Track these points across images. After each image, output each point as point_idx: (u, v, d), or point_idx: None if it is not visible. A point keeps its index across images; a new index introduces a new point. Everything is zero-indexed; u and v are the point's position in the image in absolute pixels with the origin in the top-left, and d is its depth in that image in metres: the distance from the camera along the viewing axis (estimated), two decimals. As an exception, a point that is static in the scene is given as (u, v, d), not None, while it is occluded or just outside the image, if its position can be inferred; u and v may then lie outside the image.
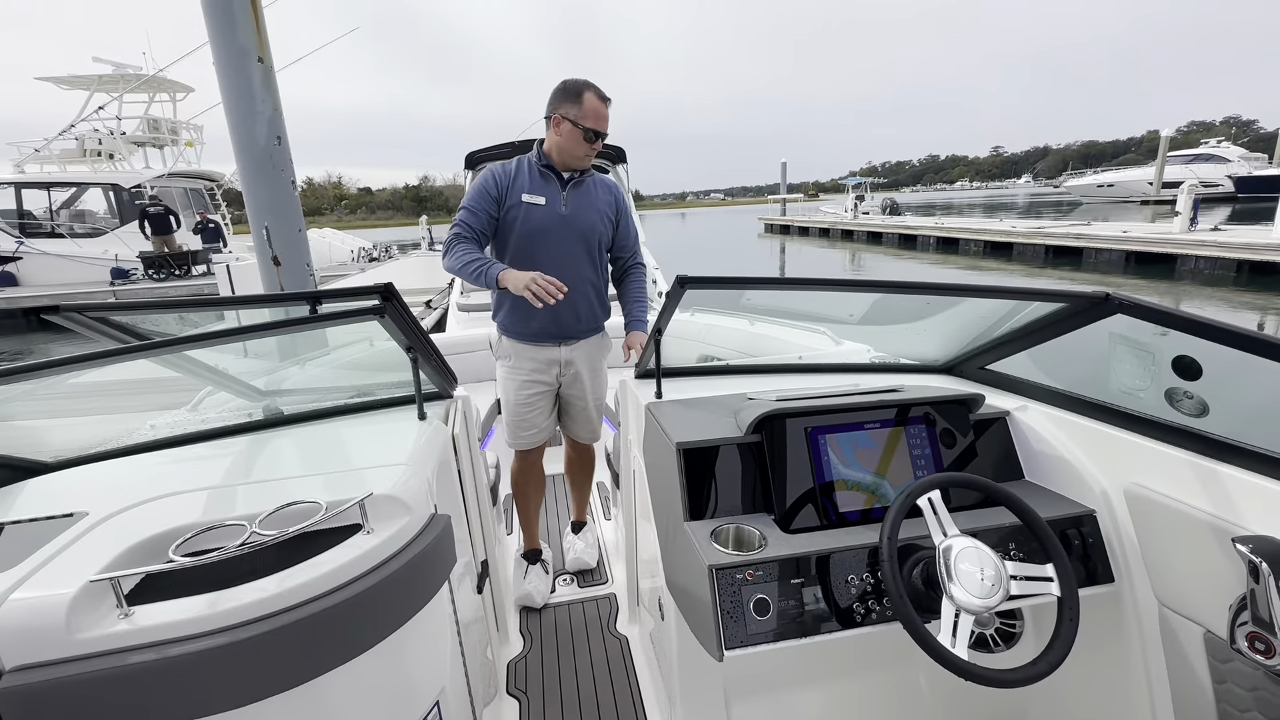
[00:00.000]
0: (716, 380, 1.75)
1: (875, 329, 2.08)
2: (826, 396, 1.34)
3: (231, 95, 4.12)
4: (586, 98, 1.93)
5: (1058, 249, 15.36)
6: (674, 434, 1.29)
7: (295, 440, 1.38)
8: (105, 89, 15.52)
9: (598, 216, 2.07)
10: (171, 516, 1.00)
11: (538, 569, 2.29)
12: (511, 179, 1.99)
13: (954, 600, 0.96)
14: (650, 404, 1.51)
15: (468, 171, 6.70)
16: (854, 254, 21.79)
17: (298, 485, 1.10)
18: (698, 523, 1.20)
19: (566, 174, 2.04)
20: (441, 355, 1.47)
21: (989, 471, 1.33)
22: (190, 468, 1.26)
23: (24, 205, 14.28)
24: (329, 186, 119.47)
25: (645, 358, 1.65)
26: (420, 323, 1.99)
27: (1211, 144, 35.80)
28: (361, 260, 18.32)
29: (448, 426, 1.48)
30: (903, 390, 1.38)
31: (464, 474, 1.52)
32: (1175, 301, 10.58)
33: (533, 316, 1.98)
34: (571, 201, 2.02)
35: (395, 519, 1.04)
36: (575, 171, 2.05)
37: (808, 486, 1.23)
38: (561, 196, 2.01)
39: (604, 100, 1.96)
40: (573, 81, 1.97)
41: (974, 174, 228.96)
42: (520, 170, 2.01)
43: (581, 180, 2.06)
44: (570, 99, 1.94)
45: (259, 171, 4.24)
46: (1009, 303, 1.37)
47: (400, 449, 1.24)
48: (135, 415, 1.68)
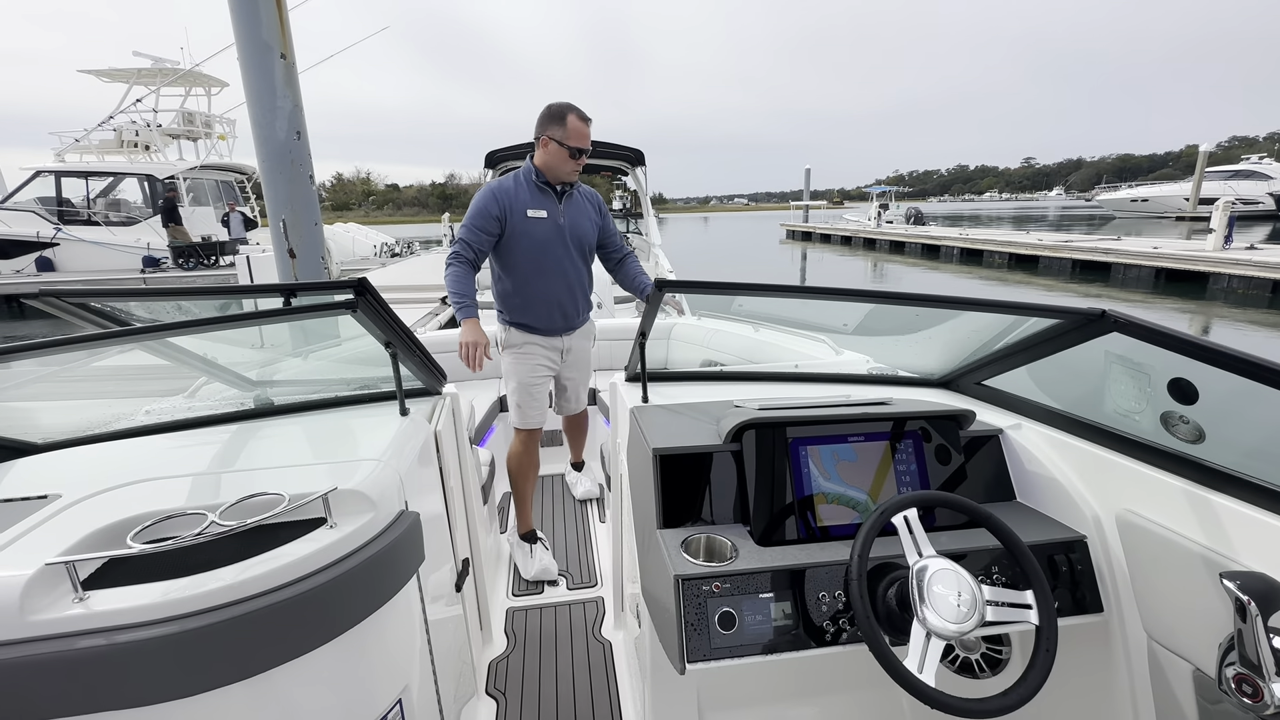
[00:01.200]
0: (708, 386, 1.73)
1: (873, 340, 2.05)
2: (811, 407, 1.31)
3: (254, 90, 4.20)
4: (570, 120, 2.17)
5: (1085, 263, 15.01)
6: (653, 439, 1.27)
7: (277, 431, 1.39)
8: (144, 82, 15.97)
9: (588, 224, 2.38)
10: (139, 503, 1.01)
11: (539, 547, 2.48)
12: (513, 198, 2.24)
13: (924, 623, 0.93)
14: (635, 408, 1.50)
15: (487, 170, 6.80)
16: (875, 263, 21.53)
17: (267, 477, 1.11)
18: (670, 531, 1.18)
19: (559, 187, 2.29)
20: (426, 352, 1.47)
21: (979, 491, 1.29)
22: (170, 454, 1.27)
23: (63, 194, 14.73)
24: (357, 182, 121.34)
25: (633, 362, 1.64)
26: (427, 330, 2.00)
27: (1253, 160, 34.73)
28: (383, 255, 18.55)
29: (430, 423, 1.48)
30: (891, 403, 1.35)
31: (447, 470, 1.51)
32: (1206, 322, 10.27)
33: (547, 314, 2.34)
34: (567, 213, 2.30)
35: (359, 514, 1.04)
36: (566, 185, 2.31)
37: (786, 498, 1.20)
38: (559, 209, 2.28)
39: (584, 120, 2.19)
40: (557, 105, 2.21)
41: (1003, 185, 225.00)
42: (519, 187, 2.26)
43: (572, 193, 2.34)
44: (555, 121, 2.18)
45: (278, 166, 4.31)
46: (1008, 317, 1.33)
47: (375, 444, 1.24)
48: (136, 399, 1.71)
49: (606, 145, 7.12)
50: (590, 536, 2.65)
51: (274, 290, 1.14)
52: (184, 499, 1.04)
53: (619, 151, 7.24)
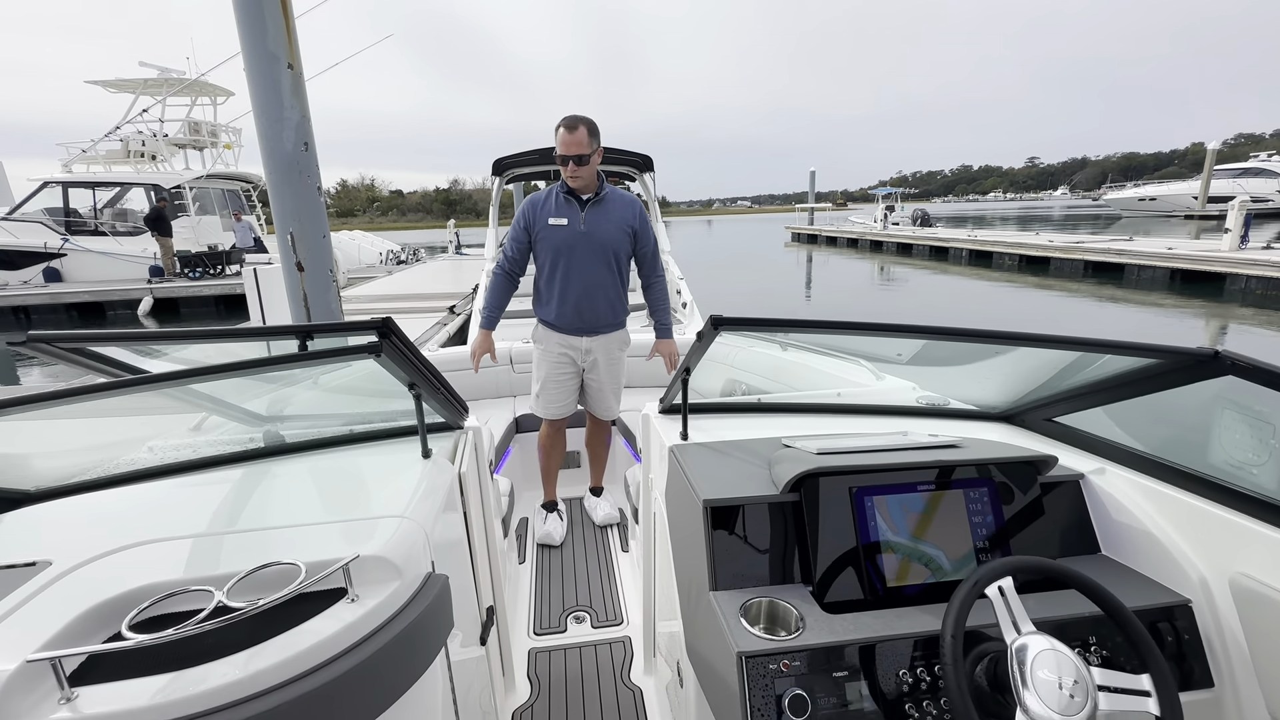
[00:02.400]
0: (746, 418, 1.62)
1: (928, 369, 1.92)
2: (874, 450, 1.19)
3: (261, 101, 4.12)
4: (558, 132, 2.33)
5: (1097, 265, 14.83)
6: (701, 487, 1.16)
7: (290, 476, 1.28)
8: (150, 92, 15.99)
9: (615, 230, 2.45)
10: (138, 572, 0.91)
11: (554, 515, 2.79)
12: (539, 209, 2.45)
13: (1029, 713, 0.81)
14: (675, 446, 1.38)
15: (495, 177, 6.71)
16: (883, 265, 21.37)
17: (280, 539, 1.00)
18: (726, 593, 1.06)
19: (585, 196, 2.43)
20: (449, 387, 1.37)
21: (1057, 543, 1.17)
22: (174, 504, 1.17)
23: (70, 204, 14.75)
24: (362, 189, 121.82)
25: (670, 394, 1.53)
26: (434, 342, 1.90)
27: (1261, 157, 34.42)
28: (389, 263, 18.54)
29: (454, 465, 1.37)
30: (961, 446, 1.23)
31: (471, 516, 1.41)
32: (1223, 324, 10.09)
33: (566, 314, 2.49)
34: (589, 220, 2.42)
35: (385, 583, 0.93)
36: (593, 193, 2.44)
37: (851, 555, 1.09)
38: (580, 216, 2.42)
39: (569, 128, 2.30)
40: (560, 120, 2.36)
41: (1008, 185, 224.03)
42: (548, 199, 2.45)
43: (600, 200, 2.44)
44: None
45: (285, 177, 4.23)
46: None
47: (398, 495, 1.13)
48: (139, 426, 1.60)
49: (614, 151, 7.02)
50: (613, 568, 2.53)
51: (288, 333, 1.04)
52: (188, 567, 0.93)
53: (626, 157, 7.15)
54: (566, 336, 2.53)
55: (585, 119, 2.32)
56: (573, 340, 2.54)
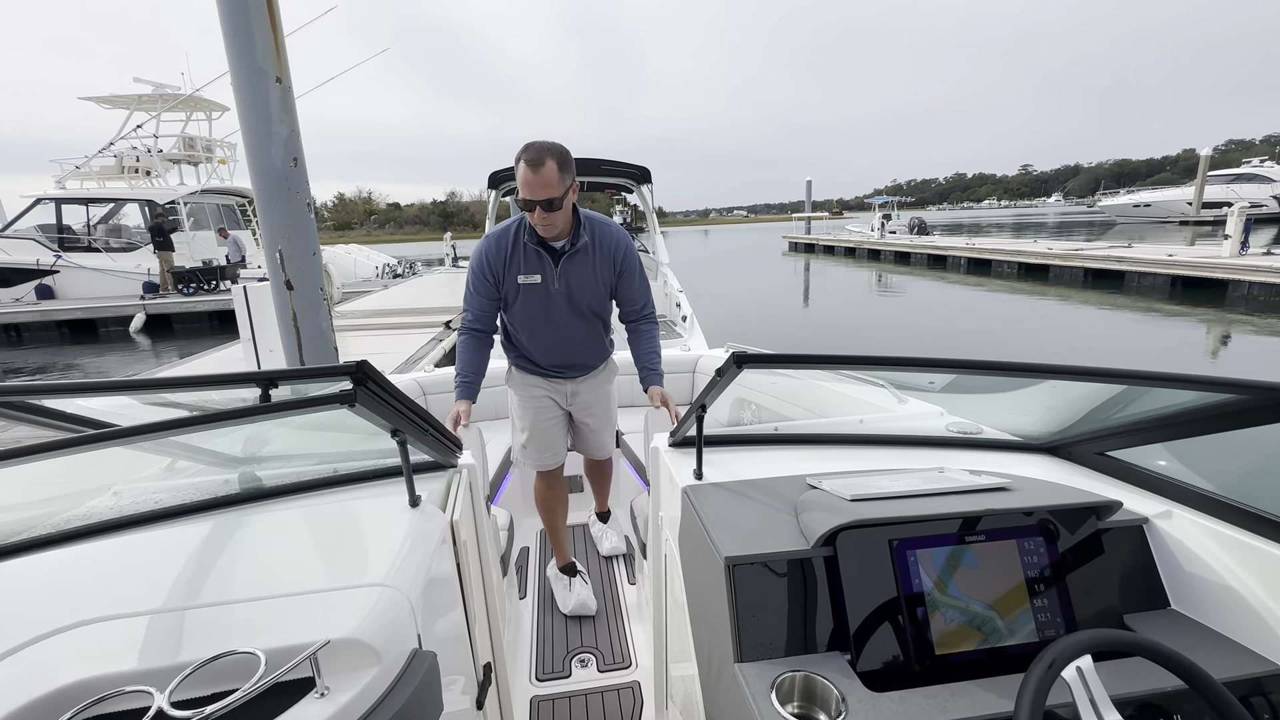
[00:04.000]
0: (762, 449, 1.49)
1: (962, 397, 1.79)
2: (915, 495, 1.06)
3: (249, 115, 4.01)
4: (519, 168, 1.78)
5: (1097, 272, 14.79)
6: (722, 540, 1.03)
7: (261, 530, 1.15)
8: (144, 108, 15.94)
9: (593, 285, 2.04)
10: (72, 664, 0.78)
11: (578, 580, 2.42)
12: (506, 262, 1.98)
13: None
14: (689, 488, 1.25)
15: (491, 191, 6.64)
16: (880, 274, 21.32)
17: (243, 616, 0.87)
18: (754, 665, 0.93)
19: (559, 244, 1.97)
20: (439, 425, 1.24)
21: (1119, 596, 1.04)
22: (128, 568, 1.04)
23: (63, 220, 14.64)
24: (359, 202, 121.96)
25: (683, 427, 1.40)
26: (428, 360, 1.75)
27: (1254, 163, 34.62)
28: (385, 276, 18.44)
29: (446, 512, 1.24)
30: (1012, 488, 1.10)
31: (466, 566, 1.27)
32: (1225, 331, 10.01)
33: (535, 359, 2.19)
34: (564, 276, 1.99)
35: (361, 669, 0.80)
36: (568, 240, 1.96)
37: (893, 618, 0.96)
38: (554, 273, 1.98)
39: (533, 166, 1.75)
40: (520, 150, 1.80)
41: (1002, 192, 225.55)
42: (515, 249, 1.97)
43: (575, 250, 1.97)
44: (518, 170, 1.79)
45: (274, 194, 4.10)
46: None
47: (381, 554, 1.00)
48: (108, 462, 1.47)
49: (611, 164, 6.97)
50: (620, 603, 2.38)
51: (248, 380, 0.91)
52: (132, 654, 0.80)
53: (624, 169, 7.08)
54: (549, 380, 2.23)
55: (553, 148, 1.78)
56: (557, 384, 2.24)
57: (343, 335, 8.56)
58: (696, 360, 3.37)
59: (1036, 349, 9.60)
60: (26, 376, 10.10)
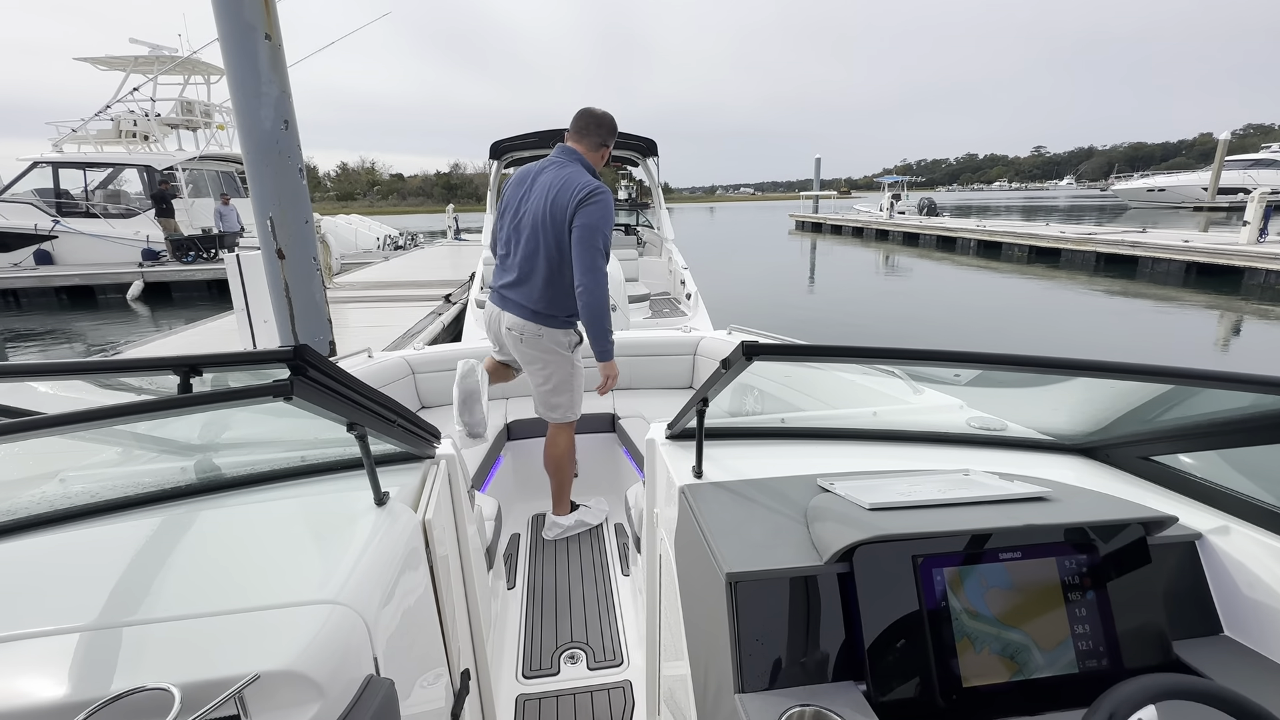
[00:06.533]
0: (767, 445, 1.37)
1: (988, 390, 1.67)
2: (942, 505, 0.95)
3: (236, 74, 3.82)
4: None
5: (1110, 257, 14.51)
6: (723, 552, 0.92)
7: (202, 531, 1.02)
8: (141, 70, 15.60)
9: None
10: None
11: (583, 508, 2.73)
12: None
13: None
14: (687, 487, 1.14)
15: (493, 161, 6.44)
16: (888, 255, 21.01)
17: (162, 639, 0.75)
18: (757, 697, 0.83)
19: None
20: (409, 415, 1.12)
21: (1165, 620, 0.93)
22: (52, 574, 0.92)
23: (60, 185, 14.41)
24: (362, 172, 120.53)
25: (683, 419, 1.28)
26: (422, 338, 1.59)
27: (1273, 148, 33.84)
28: (387, 248, 18.21)
29: (419, 511, 1.12)
30: (1052, 498, 0.98)
31: (442, 571, 1.16)
32: (1237, 319, 9.81)
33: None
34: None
35: (299, 706, 0.69)
36: None
37: (916, 644, 0.85)
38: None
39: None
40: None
41: (1013, 174, 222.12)
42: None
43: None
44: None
45: (264, 157, 3.94)
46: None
47: (335, 566, 0.88)
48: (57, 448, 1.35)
49: (619, 135, 6.76)
50: (612, 596, 2.28)
51: (164, 367, 0.78)
52: (18, 690, 0.68)
53: (631, 141, 6.87)
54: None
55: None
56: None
57: (340, 307, 8.42)
58: (698, 343, 3.23)
59: (1046, 333, 9.43)
60: (27, 343, 10.02)
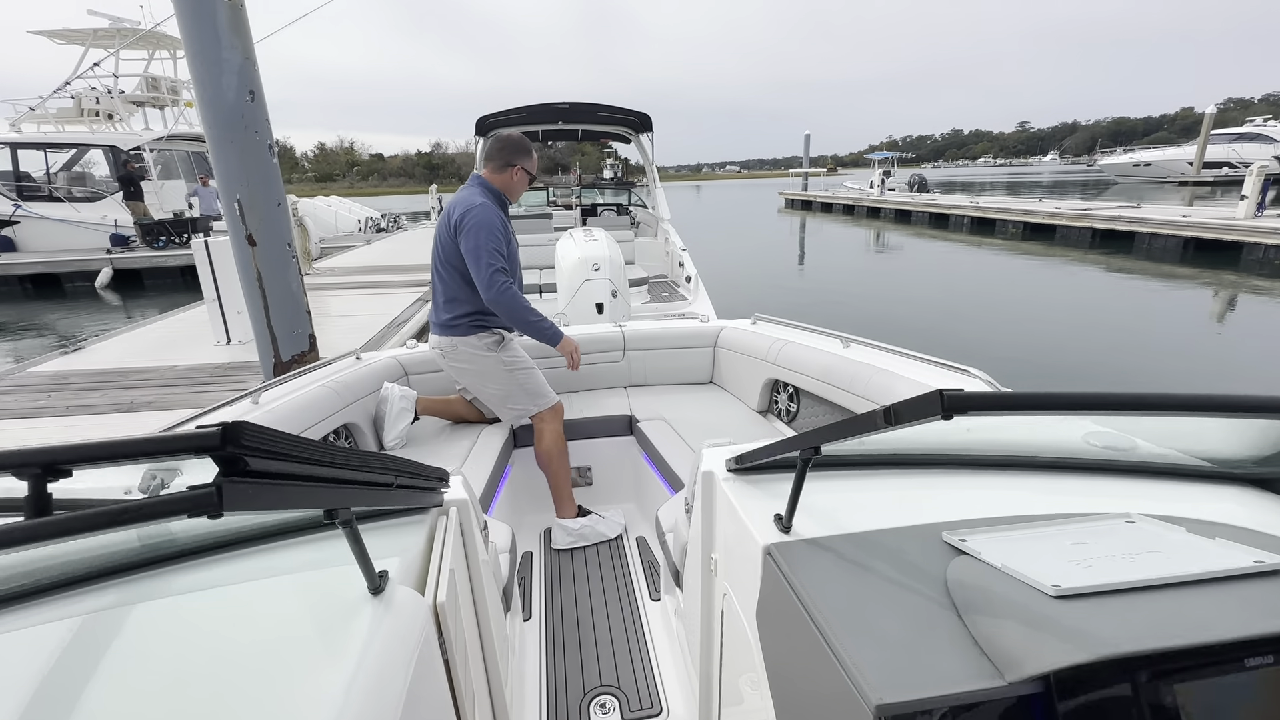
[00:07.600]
0: (844, 474, 1.09)
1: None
2: (1147, 586, 0.69)
3: (194, 40, 3.41)
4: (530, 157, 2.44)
5: (1105, 233, 14.37)
6: (862, 671, 0.64)
7: (139, 636, 0.74)
8: (101, 44, 14.77)
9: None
10: None
11: (593, 514, 2.51)
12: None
13: None
14: (774, 546, 0.87)
15: (478, 137, 6.10)
16: (879, 233, 20.76)
17: None
18: None
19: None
20: (408, 467, 0.84)
21: None
22: None
23: (20, 167, 13.67)
24: (341, 152, 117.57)
25: (762, 456, 1.00)
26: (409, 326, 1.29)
27: (1258, 121, 33.89)
28: (369, 231, 17.65)
29: (428, 594, 0.84)
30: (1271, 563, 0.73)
31: (458, 654, 0.89)
32: (1233, 295, 9.69)
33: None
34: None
35: None
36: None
37: None
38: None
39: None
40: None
41: (998, 150, 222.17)
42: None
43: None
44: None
45: (228, 133, 3.52)
46: None
47: (324, 687, 0.61)
48: None
49: (609, 109, 6.43)
50: (642, 628, 2.00)
51: (6, 467, 0.48)
52: None
53: (623, 116, 6.51)
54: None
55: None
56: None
57: (319, 295, 8.00)
58: (718, 333, 2.94)
59: (1051, 315, 9.26)
60: (-14, 335, 9.49)
